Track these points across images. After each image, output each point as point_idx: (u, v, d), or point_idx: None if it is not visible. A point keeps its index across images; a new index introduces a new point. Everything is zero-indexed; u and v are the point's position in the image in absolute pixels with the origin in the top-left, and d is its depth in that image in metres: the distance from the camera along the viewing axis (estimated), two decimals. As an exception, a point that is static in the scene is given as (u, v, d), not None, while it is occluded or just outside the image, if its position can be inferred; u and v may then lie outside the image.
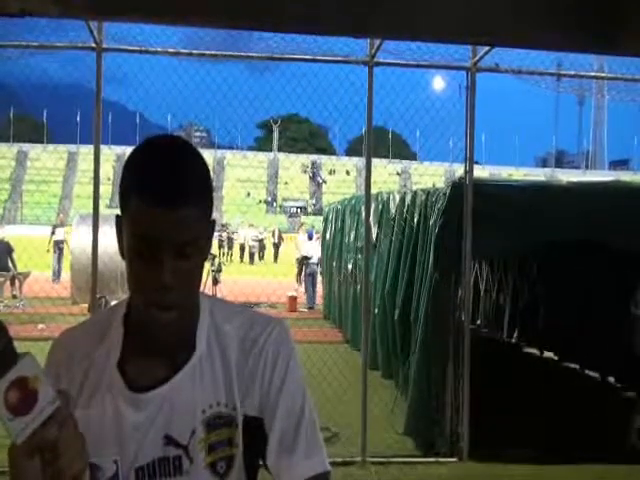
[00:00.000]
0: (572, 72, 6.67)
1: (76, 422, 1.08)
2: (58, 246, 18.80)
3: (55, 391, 1.05)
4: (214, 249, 27.96)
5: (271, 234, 33.30)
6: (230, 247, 32.43)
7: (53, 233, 19.09)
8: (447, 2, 2.84)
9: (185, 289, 1.22)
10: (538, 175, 61.58)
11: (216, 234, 30.48)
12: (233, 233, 33.15)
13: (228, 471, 1.26)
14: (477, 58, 6.04)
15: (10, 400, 1.01)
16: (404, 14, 2.84)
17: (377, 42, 5.76)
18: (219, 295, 14.31)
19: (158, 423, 1.24)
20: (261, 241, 32.01)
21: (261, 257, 32.67)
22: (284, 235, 33.64)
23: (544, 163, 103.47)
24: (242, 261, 30.87)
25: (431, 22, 2.94)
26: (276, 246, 32.65)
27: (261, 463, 1.31)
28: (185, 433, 1.24)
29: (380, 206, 9.02)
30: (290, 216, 57.16)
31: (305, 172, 67.22)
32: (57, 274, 19.02)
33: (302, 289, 17.38)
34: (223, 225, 33.37)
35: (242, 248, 31.59)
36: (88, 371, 1.28)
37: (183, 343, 1.27)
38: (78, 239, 14.10)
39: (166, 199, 1.15)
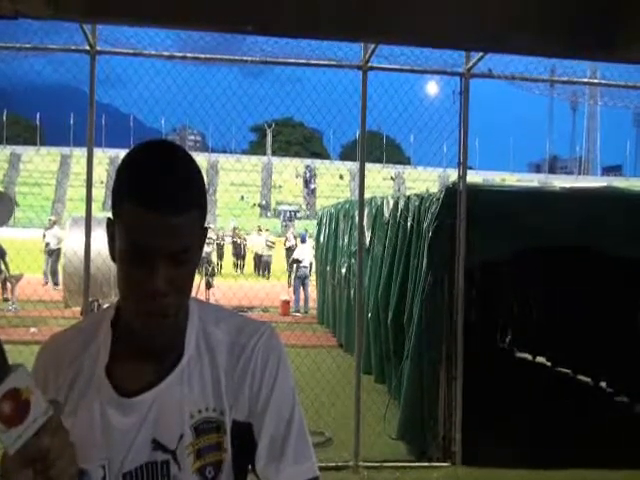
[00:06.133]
0: (565, 78, 6.70)
1: (67, 431, 1.07)
2: (48, 249, 18.47)
3: (47, 401, 1.05)
4: (226, 257, 26.49)
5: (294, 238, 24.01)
6: (237, 254, 27.38)
7: (44, 236, 18.85)
8: (442, 8, 2.85)
9: (178, 296, 1.21)
10: (531, 180, 61.73)
11: (228, 239, 27.43)
12: (243, 238, 27.71)
13: (217, 476, 1.25)
14: (471, 64, 6.06)
15: (3, 411, 1.01)
16: (399, 20, 2.85)
17: (371, 47, 5.77)
18: (212, 299, 14.28)
19: (146, 427, 1.23)
20: (289, 249, 22.49)
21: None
22: (279, 240, 27.16)
23: (537, 169, 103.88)
24: (259, 273, 24.71)
25: (425, 27, 2.94)
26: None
27: (250, 468, 1.31)
28: (173, 438, 1.23)
29: (374, 210, 9.02)
30: (284, 220, 57.10)
31: (298, 177, 67.24)
32: (46, 277, 18.65)
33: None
34: (234, 229, 29.26)
35: (256, 257, 25.57)
36: (76, 375, 1.28)
37: (172, 347, 1.27)
38: (71, 242, 14.04)
39: (165, 205, 1.14)
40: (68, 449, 1.06)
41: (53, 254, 18.28)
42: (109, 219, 1.22)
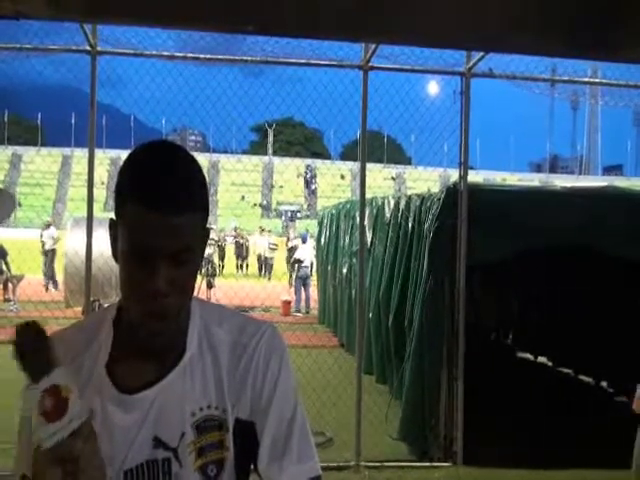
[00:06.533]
0: (566, 77, 6.70)
1: (97, 439, 1.09)
2: (44, 249, 18.36)
3: (83, 404, 1.08)
4: (231, 257, 26.41)
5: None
6: (240, 254, 26.93)
7: (41, 236, 18.67)
8: (442, 7, 2.85)
9: (179, 297, 1.21)
10: (532, 180, 61.73)
11: (229, 239, 27.30)
12: (245, 238, 27.31)
13: (219, 474, 1.26)
14: (472, 63, 6.06)
15: (45, 405, 1.04)
16: (399, 20, 2.85)
17: (372, 47, 5.77)
18: (213, 299, 14.29)
19: (147, 425, 1.23)
20: (291, 249, 20.71)
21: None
22: (279, 240, 26.93)
23: (538, 168, 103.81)
24: (262, 275, 24.59)
25: (426, 27, 2.94)
26: None
27: (252, 468, 1.31)
28: (174, 435, 1.24)
29: (375, 211, 9.02)
30: (285, 220, 57.06)
31: (299, 177, 67.24)
32: (46, 279, 18.29)
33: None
34: (236, 229, 28.91)
35: (259, 259, 25.34)
36: (77, 373, 1.27)
37: (173, 346, 1.27)
38: (72, 242, 14.04)
39: (166, 205, 1.14)
40: (97, 456, 1.09)
41: (49, 254, 18.20)
42: (112, 220, 1.22)
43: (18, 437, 1.30)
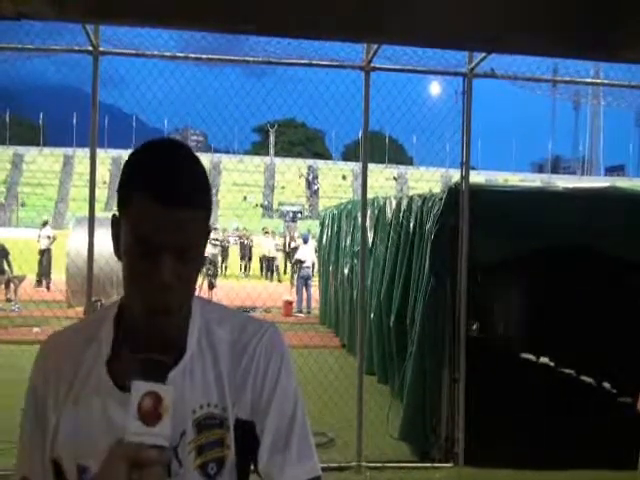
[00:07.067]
0: (568, 78, 6.69)
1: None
2: (39, 248, 18.23)
3: (170, 432, 1.12)
4: (235, 258, 26.34)
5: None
6: (244, 255, 26.68)
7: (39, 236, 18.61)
8: (443, 8, 2.85)
9: (183, 291, 1.21)
10: (534, 180, 61.65)
11: (234, 240, 26.91)
12: (250, 239, 27.09)
13: (219, 473, 1.25)
14: (474, 64, 6.06)
15: (144, 404, 1.09)
16: (400, 20, 2.85)
17: (374, 47, 5.76)
18: (214, 299, 14.28)
19: None
20: (294, 249, 19.84)
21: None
22: (280, 240, 26.91)
23: (540, 169, 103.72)
24: (267, 276, 24.26)
25: (427, 27, 2.94)
26: None
27: (252, 469, 1.31)
28: (175, 434, 1.22)
29: (376, 211, 9.02)
30: (287, 220, 57.05)
31: (301, 177, 67.25)
32: (45, 278, 18.13)
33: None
34: (237, 229, 28.85)
35: (264, 260, 25.02)
36: (77, 372, 1.28)
37: (174, 344, 1.27)
38: (74, 242, 14.05)
39: (174, 199, 1.15)
40: None
41: (44, 254, 18.16)
42: (114, 216, 1.23)
43: (20, 438, 1.31)
